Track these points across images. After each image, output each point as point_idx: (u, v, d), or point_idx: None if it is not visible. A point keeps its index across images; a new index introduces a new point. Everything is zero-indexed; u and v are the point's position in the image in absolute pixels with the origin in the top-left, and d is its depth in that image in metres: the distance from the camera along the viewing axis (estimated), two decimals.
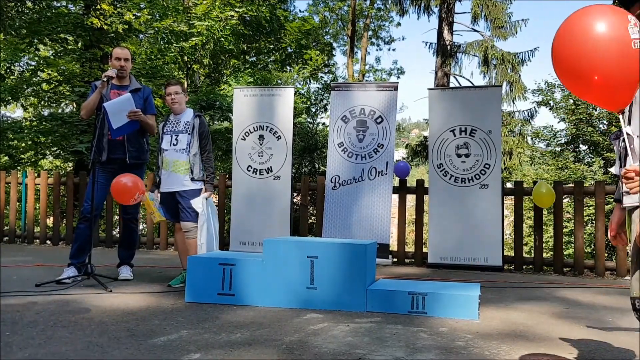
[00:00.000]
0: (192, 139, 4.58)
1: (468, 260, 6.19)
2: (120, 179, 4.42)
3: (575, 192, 6.25)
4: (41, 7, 11.45)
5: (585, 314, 3.83)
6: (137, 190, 4.40)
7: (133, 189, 4.39)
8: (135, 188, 4.39)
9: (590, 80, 1.96)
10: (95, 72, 10.38)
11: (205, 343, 2.84)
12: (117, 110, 4.52)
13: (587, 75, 1.96)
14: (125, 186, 4.40)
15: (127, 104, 4.56)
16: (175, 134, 4.60)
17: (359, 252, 3.76)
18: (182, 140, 4.57)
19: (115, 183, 4.42)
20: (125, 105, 4.55)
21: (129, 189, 4.39)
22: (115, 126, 4.54)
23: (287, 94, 6.95)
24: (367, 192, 6.54)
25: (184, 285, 4.49)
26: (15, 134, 10.63)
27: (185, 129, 4.60)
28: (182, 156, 4.56)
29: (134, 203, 4.50)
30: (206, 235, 4.48)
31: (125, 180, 4.42)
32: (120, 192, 4.41)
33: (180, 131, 4.60)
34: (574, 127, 11.79)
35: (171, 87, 4.61)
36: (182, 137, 4.58)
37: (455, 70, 16.70)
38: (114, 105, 4.52)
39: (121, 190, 4.40)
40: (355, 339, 2.98)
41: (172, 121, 4.67)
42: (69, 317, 3.32)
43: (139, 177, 4.56)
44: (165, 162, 4.60)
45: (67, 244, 7.63)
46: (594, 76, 1.93)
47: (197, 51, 10.86)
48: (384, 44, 25.77)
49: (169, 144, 4.59)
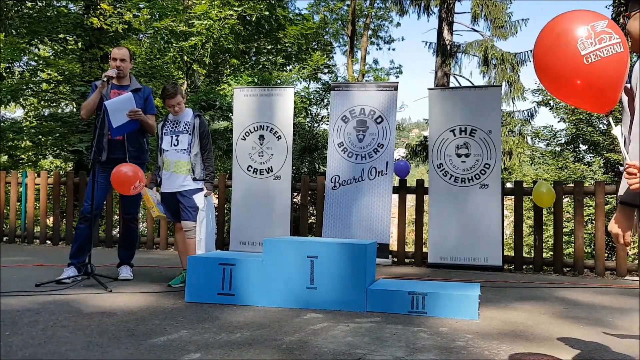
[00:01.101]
0: (193, 139, 4.58)
1: (468, 260, 6.20)
2: (120, 168, 4.42)
3: (575, 192, 6.25)
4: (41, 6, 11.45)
5: (585, 314, 3.83)
6: (137, 178, 4.40)
7: (133, 178, 4.38)
8: (135, 177, 4.39)
9: (558, 89, 2.02)
10: (95, 72, 10.38)
11: (205, 343, 2.84)
12: (117, 109, 4.51)
13: (555, 86, 2.02)
14: (125, 175, 4.39)
15: (128, 103, 4.56)
16: (175, 134, 4.60)
17: (359, 252, 3.76)
18: (183, 140, 4.57)
19: (116, 172, 4.42)
20: (126, 105, 4.55)
21: (129, 178, 4.38)
22: (115, 125, 4.54)
23: (287, 94, 6.95)
24: (367, 192, 6.54)
25: (184, 285, 4.50)
26: (15, 134, 10.63)
27: (186, 129, 4.59)
28: (184, 156, 4.55)
29: (134, 192, 4.49)
30: (205, 232, 4.48)
31: (125, 169, 4.42)
32: (120, 181, 4.41)
33: (181, 131, 4.59)
34: (574, 127, 11.80)
35: (172, 99, 4.56)
36: (182, 137, 4.57)
37: (455, 70, 16.72)
38: (114, 104, 4.52)
39: (122, 179, 4.39)
40: (355, 339, 2.98)
41: (172, 121, 4.66)
42: (69, 317, 3.32)
43: (139, 167, 4.55)
44: (166, 163, 4.60)
45: (67, 244, 7.63)
46: (561, 86, 1.98)
47: (196, 51, 10.86)
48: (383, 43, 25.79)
49: (170, 145, 4.59)
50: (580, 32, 1.89)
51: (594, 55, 1.87)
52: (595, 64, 1.87)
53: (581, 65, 1.88)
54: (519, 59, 15.46)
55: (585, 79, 1.90)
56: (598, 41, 1.88)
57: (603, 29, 1.89)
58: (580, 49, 1.88)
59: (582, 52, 1.88)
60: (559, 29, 1.95)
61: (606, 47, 1.88)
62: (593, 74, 1.89)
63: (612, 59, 1.87)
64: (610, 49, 1.88)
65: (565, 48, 1.90)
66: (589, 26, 1.89)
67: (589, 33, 1.89)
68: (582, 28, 1.90)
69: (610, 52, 1.88)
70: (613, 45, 1.88)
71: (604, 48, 1.88)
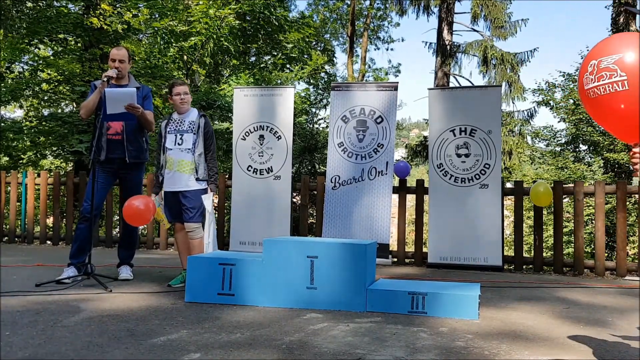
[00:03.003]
0: (197, 138, 4.57)
1: (468, 260, 6.20)
2: (132, 202, 4.32)
3: (575, 192, 6.25)
4: (41, 6, 11.45)
5: (585, 314, 3.83)
6: (149, 212, 4.34)
7: (146, 212, 4.31)
8: (147, 211, 4.32)
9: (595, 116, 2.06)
10: (95, 72, 10.38)
11: (205, 343, 2.84)
12: (117, 99, 4.45)
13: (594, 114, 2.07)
14: (137, 209, 4.30)
15: (129, 97, 4.52)
16: (179, 133, 4.58)
17: (359, 252, 3.76)
18: (187, 139, 4.56)
19: (127, 207, 4.31)
20: (126, 98, 4.50)
21: (142, 212, 4.30)
22: (110, 112, 4.48)
23: (287, 94, 6.95)
24: (367, 192, 6.55)
25: (184, 285, 4.50)
26: (15, 134, 10.62)
27: (190, 129, 4.58)
28: (187, 156, 4.54)
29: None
30: (213, 235, 4.49)
31: (137, 203, 4.32)
32: (133, 217, 4.32)
33: (185, 130, 4.58)
34: (574, 127, 11.79)
35: (180, 87, 4.59)
36: (187, 136, 4.56)
37: (455, 70, 16.72)
38: (115, 94, 4.47)
39: (134, 214, 4.31)
40: (355, 339, 2.98)
41: (176, 120, 4.65)
42: (69, 317, 3.32)
43: (147, 198, 4.51)
44: (169, 162, 4.58)
45: (67, 244, 7.64)
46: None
47: (196, 51, 10.85)
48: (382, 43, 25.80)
49: (174, 143, 4.57)
50: (587, 65, 1.92)
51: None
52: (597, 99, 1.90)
53: (588, 99, 1.92)
54: (519, 59, 15.46)
55: (596, 113, 1.97)
56: (596, 77, 1.87)
57: (600, 66, 1.87)
58: (584, 83, 1.93)
59: (585, 87, 1.92)
60: (590, 54, 2.00)
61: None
62: (596, 109, 1.93)
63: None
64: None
65: (581, 76, 1.97)
66: (590, 62, 1.87)
67: (592, 68, 1.87)
68: (591, 59, 1.93)
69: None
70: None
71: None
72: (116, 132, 4.72)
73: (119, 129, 4.72)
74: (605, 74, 1.84)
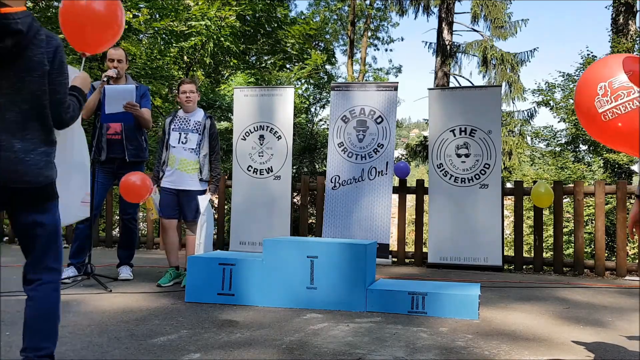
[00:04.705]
0: (202, 139, 4.58)
1: (468, 260, 6.19)
2: (130, 177, 4.38)
3: (575, 192, 6.24)
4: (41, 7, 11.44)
5: (585, 314, 3.83)
6: (147, 190, 4.39)
7: (143, 189, 4.36)
8: (144, 188, 4.37)
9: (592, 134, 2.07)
10: (95, 72, 10.37)
11: (205, 343, 2.84)
12: (116, 97, 4.46)
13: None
14: (134, 184, 4.36)
15: (128, 94, 4.52)
16: (184, 131, 4.58)
17: (359, 252, 3.76)
18: (192, 139, 4.56)
19: (125, 181, 4.38)
20: (125, 95, 4.50)
21: (138, 188, 4.36)
22: (108, 112, 4.47)
23: (287, 94, 6.95)
24: (367, 192, 6.54)
25: (179, 285, 4.50)
26: None
27: (196, 129, 4.59)
28: (191, 155, 4.55)
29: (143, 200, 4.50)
30: (205, 234, 4.48)
31: (134, 178, 4.38)
32: (129, 191, 4.39)
33: (190, 130, 4.59)
34: (574, 127, 11.78)
35: (186, 85, 4.60)
36: (191, 136, 4.57)
37: (455, 70, 16.72)
38: (114, 91, 4.47)
39: (132, 188, 4.37)
40: (355, 339, 2.98)
41: (181, 118, 4.65)
42: (69, 317, 3.32)
43: (145, 175, 4.53)
44: (171, 159, 4.58)
45: (67, 243, 7.63)
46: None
47: (196, 51, 10.85)
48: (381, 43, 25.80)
49: (178, 141, 4.57)
50: (597, 87, 1.92)
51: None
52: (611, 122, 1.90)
53: (600, 122, 1.94)
54: (519, 59, 15.46)
55: (609, 137, 1.99)
56: (610, 98, 1.86)
57: (612, 87, 1.86)
58: (597, 107, 1.94)
59: (599, 110, 1.92)
60: (585, 75, 2.02)
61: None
62: (612, 132, 1.94)
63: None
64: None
65: (586, 101, 1.99)
66: (599, 85, 1.86)
67: (604, 90, 1.86)
68: (601, 80, 1.93)
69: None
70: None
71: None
72: (115, 132, 4.73)
73: (118, 129, 4.73)
74: (622, 93, 1.82)
